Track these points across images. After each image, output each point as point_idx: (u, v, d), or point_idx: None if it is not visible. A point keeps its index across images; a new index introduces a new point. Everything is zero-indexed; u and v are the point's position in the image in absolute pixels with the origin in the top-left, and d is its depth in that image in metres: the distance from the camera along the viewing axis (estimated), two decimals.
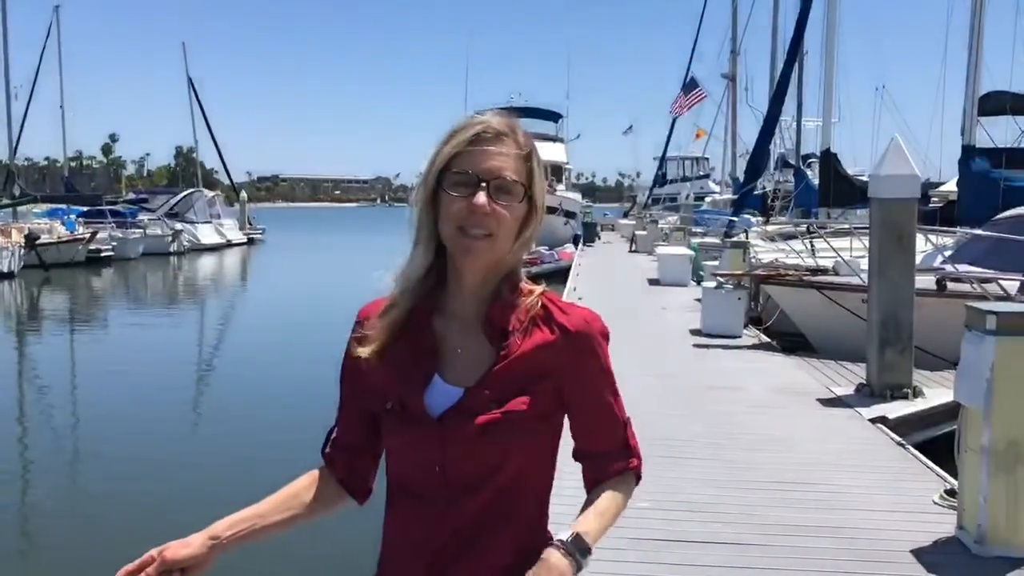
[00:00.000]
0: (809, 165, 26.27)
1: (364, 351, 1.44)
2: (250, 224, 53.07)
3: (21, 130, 40.02)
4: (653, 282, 18.50)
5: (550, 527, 1.49)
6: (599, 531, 1.42)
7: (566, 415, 1.49)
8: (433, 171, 1.39)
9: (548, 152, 34.39)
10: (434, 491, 1.40)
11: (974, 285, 9.41)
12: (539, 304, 1.43)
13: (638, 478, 1.55)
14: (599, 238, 37.90)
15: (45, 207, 37.67)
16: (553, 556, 1.34)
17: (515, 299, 1.43)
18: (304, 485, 1.52)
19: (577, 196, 42.88)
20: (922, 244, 10.92)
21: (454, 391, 1.40)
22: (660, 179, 45.11)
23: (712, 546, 4.37)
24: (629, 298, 15.78)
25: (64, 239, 32.13)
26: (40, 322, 20.23)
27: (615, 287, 17.96)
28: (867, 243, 10.43)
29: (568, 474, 1.60)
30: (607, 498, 1.46)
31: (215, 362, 15.01)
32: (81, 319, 20.69)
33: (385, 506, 1.50)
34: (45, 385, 12.60)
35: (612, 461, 1.50)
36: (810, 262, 12.61)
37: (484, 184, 1.36)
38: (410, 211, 1.44)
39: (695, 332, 11.52)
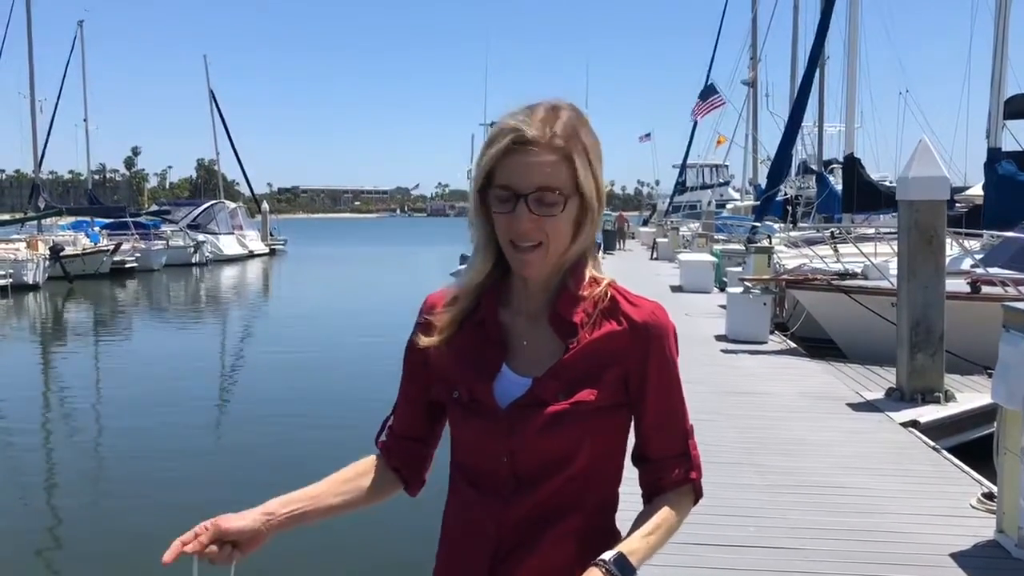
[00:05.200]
0: (831, 171, 26.08)
1: (431, 340, 1.43)
2: (271, 235, 53.42)
3: (46, 144, 40.39)
4: (676, 289, 18.43)
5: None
6: (646, 552, 1.35)
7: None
8: (476, 185, 1.36)
9: None
10: (501, 480, 1.38)
11: (1007, 287, 9.30)
12: (607, 295, 1.40)
13: (697, 494, 1.48)
14: (623, 245, 37.79)
15: (69, 219, 38.10)
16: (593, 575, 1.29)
17: (582, 291, 1.39)
18: (360, 471, 1.50)
19: None
20: (949, 248, 10.82)
21: (522, 381, 1.38)
22: (680, 186, 44.96)
23: (747, 550, 4.32)
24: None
25: (88, 251, 32.46)
26: (65, 333, 20.42)
27: (639, 293, 17.87)
28: (892, 247, 10.37)
29: (631, 479, 1.55)
30: (659, 516, 1.39)
31: (239, 373, 15.08)
32: (105, 330, 20.86)
33: (447, 496, 1.49)
34: (70, 395, 12.69)
35: (670, 469, 1.44)
36: (836, 267, 12.51)
37: (523, 198, 1.31)
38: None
39: (720, 338, 11.45)
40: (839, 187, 21.32)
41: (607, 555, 1.30)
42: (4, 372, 14.98)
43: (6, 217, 38.80)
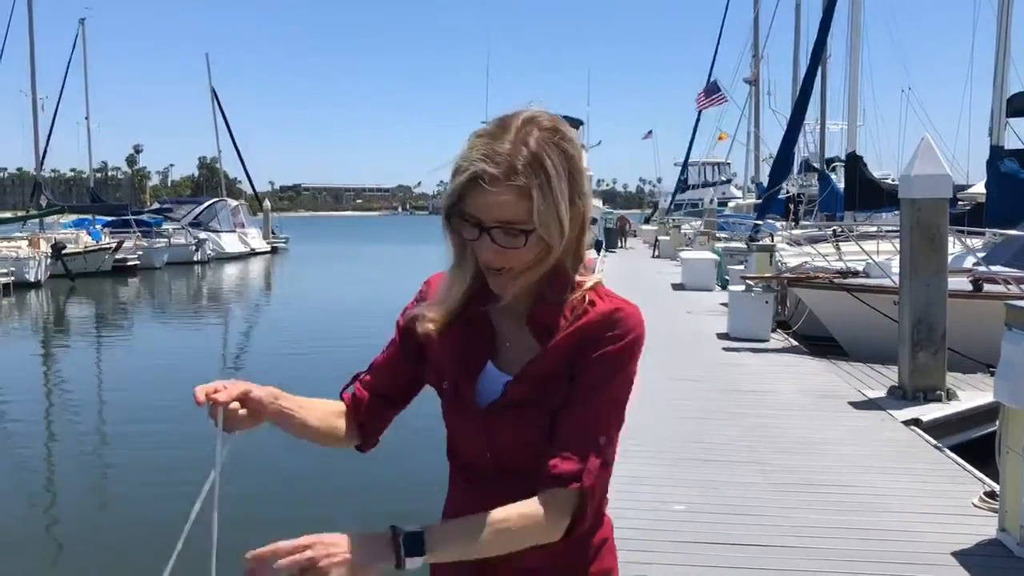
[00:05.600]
0: (833, 169, 26.07)
1: (425, 326, 1.45)
2: (273, 233, 53.43)
3: (48, 142, 40.44)
4: (677, 287, 18.44)
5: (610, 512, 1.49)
6: (456, 541, 1.26)
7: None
8: (444, 209, 1.37)
9: None
10: (487, 472, 1.43)
11: (1009, 286, 9.29)
12: (585, 299, 1.41)
13: (579, 508, 1.33)
14: (624, 243, 37.77)
15: (71, 217, 38.15)
16: (365, 536, 1.21)
17: (562, 297, 1.40)
18: (336, 411, 1.54)
19: (599, 203, 42.83)
20: (951, 246, 10.81)
21: (504, 379, 1.42)
22: (682, 185, 44.96)
23: (749, 548, 4.32)
24: (654, 302, 15.71)
25: (90, 248, 32.49)
26: (67, 330, 20.44)
27: (639, 292, 17.86)
28: (895, 246, 10.36)
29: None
30: (503, 512, 1.29)
31: (241, 371, 15.08)
32: (108, 327, 20.88)
33: (448, 488, 1.53)
34: (73, 393, 12.71)
35: (555, 464, 1.33)
36: (839, 265, 12.50)
37: (486, 231, 1.33)
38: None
39: (722, 336, 11.45)
40: (841, 185, 21.34)
41: (409, 526, 1.24)
42: (7, 369, 14.99)
43: (8, 215, 38.85)
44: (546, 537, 1.31)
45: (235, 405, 1.36)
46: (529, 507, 1.30)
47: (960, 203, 17.50)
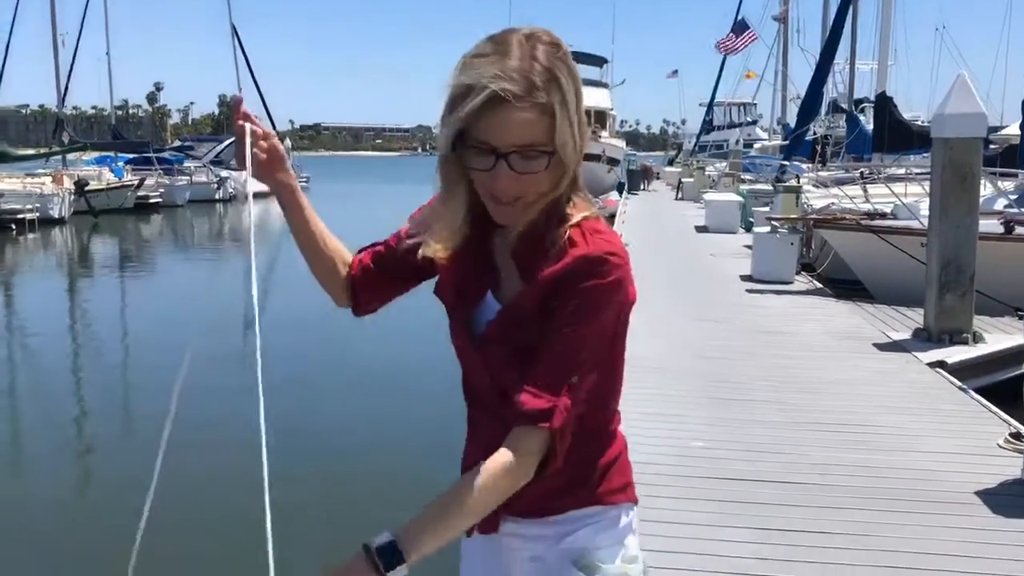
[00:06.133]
0: (862, 110, 25.54)
1: (433, 249, 1.39)
2: (294, 172, 53.20)
3: (68, 79, 40.25)
4: (701, 229, 18.27)
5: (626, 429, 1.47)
6: (433, 534, 1.21)
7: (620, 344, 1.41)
8: (449, 138, 1.26)
9: (592, 97, 33.82)
10: (491, 396, 1.40)
11: None
12: (566, 235, 1.32)
13: (550, 449, 1.28)
14: (647, 186, 37.39)
15: (93, 154, 38.16)
16: (352, 569, 1.17)
17: (549, 231, 1.32)
18: (344, 257, 1.58)
19: (621, 143, 42.37)
20: (983, 188, 10.59)
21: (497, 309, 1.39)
22: (707, 126, 44.28)
23: (767, 484, 4.31)
24: (677, 245, 15.61)
25: (113, 185, 32.61)
26: (91, 266, 20.62)
27: (662, 234, 17.77)
28: (924, 188, 10.17)
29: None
30: (475, 476, 1.24)
31: (264, 309, 15.18)
32: (131, 264, 21.05)
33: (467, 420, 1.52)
34: (97, 329, 12.85)
35: (525, 400, 1.28)
36: (866, 207, 12.31)
37: (503, 157, 1.24)
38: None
39: (745, 278, 11.35)
40: (869, 127, 20.91)
41: (379, 538, 1.18)
42: (34, 304, 15.19)
43: (31, 152, 38.89)
44: (520, 481, 1.27)
45: (261, 141, 1.49)
46: (497, 461, 1.26)
47: (992, 146, 17.12)
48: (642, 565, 1.45)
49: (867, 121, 22.37)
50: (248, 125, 1.46)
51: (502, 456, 1.26)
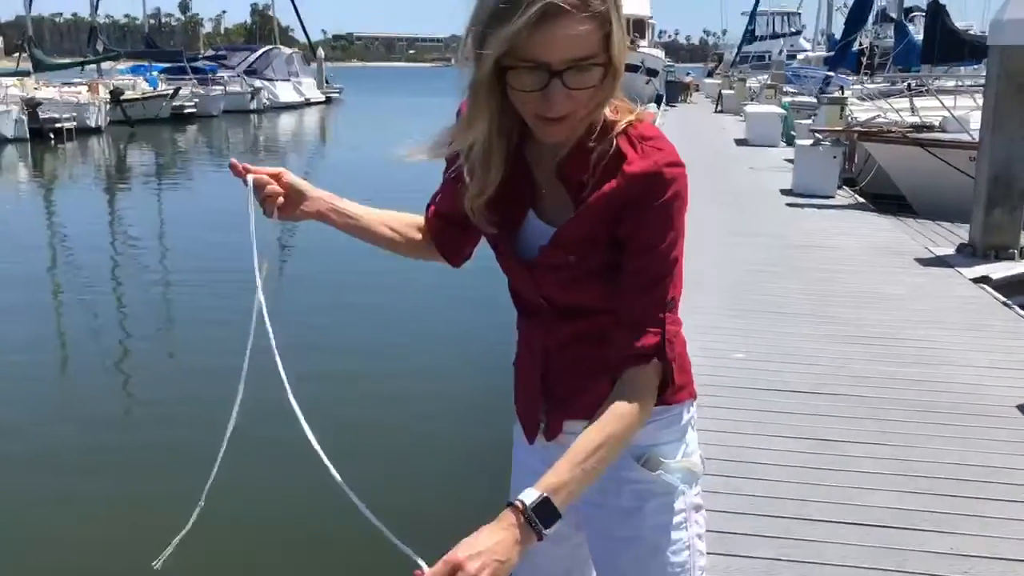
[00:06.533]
0: (911, 19, 24.58)
1: (474, 201, 1.33)
2: (327, 83, 52.86)
3: None
4: (740, 142, 17.94)
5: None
6: (578, 484, 1.18)
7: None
8: (493, 57, 1.16)
9: (631, 5, 32.88)
10: (543, 311, 1.39)
11: None
12: (613, 146, 1.26)
13: (665, 376, 1.28)
14: (687, 98, 36.62)
15: (128, 63, 38.05)
16: (501, 530, 1.11)
17: (595, 144, 1.27)
18: (414, 224, 1.52)
19: (660, 53, 41.34)
20: None
21: (546, 230, 1.33)
22: (749, 36, 43.05)
23: (804, 395, 4.32)
24: (716, 157, 15.35)
25: (148, 95, 32.58)
26: (129, 176, 20.79)
27: (701, 147, 17.45)
28: (976, 100, 9.85)
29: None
30: (604, 429, 1.21)
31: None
32: (169, 174, 21.18)
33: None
34: (136, 238, 13.00)
35: (633, 339, 1.26)
36: (912, 120, 11.97)
37: (558, 74, 1.15)
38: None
39: (786, 192, 11.18)
40: (919, 37, 20.14)
41: (528, 495, 1.13)
42: (74, 213, 15.40)
43: (66, 60, 38.83)
44: (644, 419, 1.26)
45: (271, 184, 1.37)
46: (622, 409, 1.23)
47: None
48: (700, 459, 1.46)
49: (916, 31, 21.54)
50: (250, 176, 1.38)
51: (626, 407, 1.23)
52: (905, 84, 15.79)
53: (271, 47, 47.60)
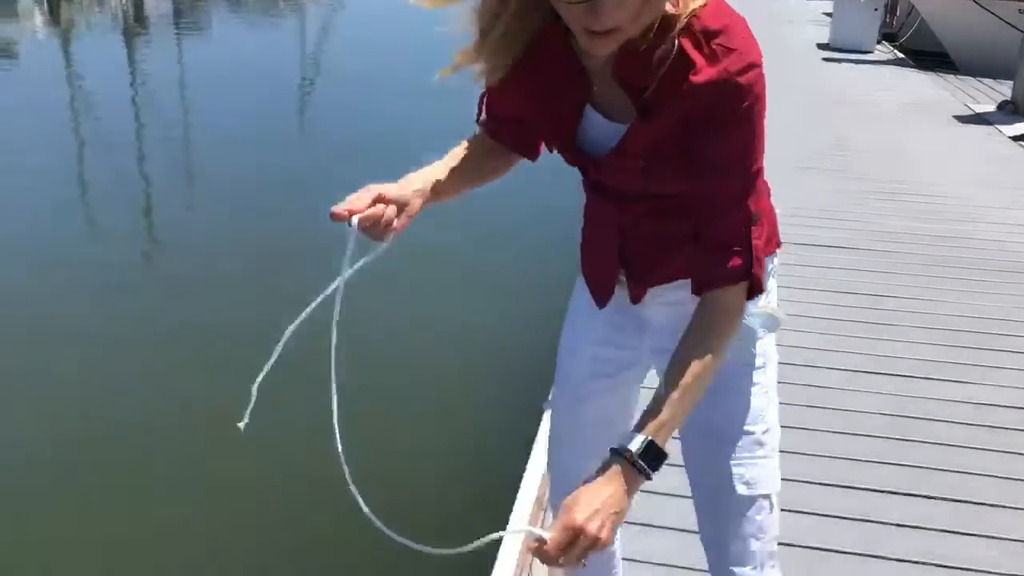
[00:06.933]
0: None
1: (495, 71, 1.21)
2: None
3: None
4: None
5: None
6: (679, 421, 1.14)
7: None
8: None
9: None
10: (611, 196, 1.31)
11: None
12: (675, 46, 1.11)
13: (753, 291, 1.20)
14: None
15: None
16: (609, 483, 1.07)
17: (656, 43, 1.10)
18: (481, 151, 1.39)
19: None
20: None
21: (608, 127, 1.21)
22: None
23: (833, 249, 4.31)
24: (750, 8, 14.70)
25: None
26: (147, 25, 20.34)
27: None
28: None
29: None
30: (696, 364, 1.14)
31: (321, 70, 14.99)
32: (186, 23, 20.70)
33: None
34: (156, 88, 12.82)
35: (720, 258, 1.18)
36: None
37: None
38: None
39: (822, 46, 10.79)
40: None
41: (633, 442, 1.09)
42: (93, 64, 15.18)
43: None
44: (733, 339, 1.20)
45: (378, 210, 1.18)
46: (710, 339, 1.17)
47: None
48: (778, 304, 1.44)
49: None
50: (355, 218, 1.17)
51: (716, 330, 1.18)
52: None
53: None
